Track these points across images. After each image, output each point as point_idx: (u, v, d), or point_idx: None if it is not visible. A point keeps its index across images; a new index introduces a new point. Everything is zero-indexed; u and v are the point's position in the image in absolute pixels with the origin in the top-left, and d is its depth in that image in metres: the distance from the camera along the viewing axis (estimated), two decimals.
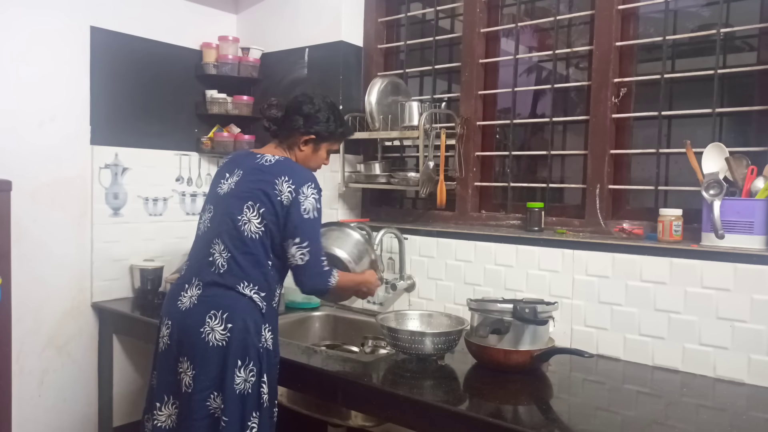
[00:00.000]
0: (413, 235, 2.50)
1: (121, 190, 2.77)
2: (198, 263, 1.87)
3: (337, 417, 2.18)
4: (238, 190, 1.87)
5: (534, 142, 2.57)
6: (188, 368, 1.77)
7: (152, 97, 2.86)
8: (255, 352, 1.78)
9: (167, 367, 1.83)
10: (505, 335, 1.81)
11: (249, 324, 1.78)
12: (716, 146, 1.90)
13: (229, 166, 1.96)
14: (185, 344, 1.79)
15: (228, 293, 1.79)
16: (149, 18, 2.83)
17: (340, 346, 2.47)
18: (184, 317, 1.81)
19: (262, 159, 1.90)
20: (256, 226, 1.82)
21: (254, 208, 1.82)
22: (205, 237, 1.89)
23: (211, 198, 1.95)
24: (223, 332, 1.75)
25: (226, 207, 1.87)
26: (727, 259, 1.80)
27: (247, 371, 1.77)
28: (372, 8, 2.83)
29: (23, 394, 2.49)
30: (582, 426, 1.52)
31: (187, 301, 1.82)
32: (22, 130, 2.44)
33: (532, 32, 2.55)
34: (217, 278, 1.81)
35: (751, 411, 1.62)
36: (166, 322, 1.86)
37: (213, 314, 1.77)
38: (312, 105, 1.95)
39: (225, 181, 1.92)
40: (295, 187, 1.82)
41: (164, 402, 1.83)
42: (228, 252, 1.81)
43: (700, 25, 2.15)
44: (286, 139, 1.97)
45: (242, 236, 1.81)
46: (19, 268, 2.35)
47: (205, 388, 1.75)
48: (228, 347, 1.75)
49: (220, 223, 1.85)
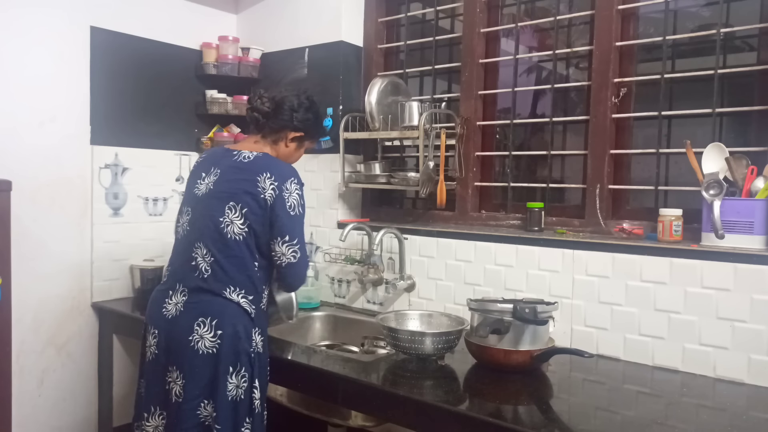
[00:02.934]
0: (413, 235, 2.50)
1: (121, 190, 2.77)
2: (181, 268, 1.83)
3: (337, 417, 2.18)
4: (217, 190, 1.82)
5: (534, 142, 2.57)
6: (178, 377, 1.75)
7: (152, 97, 2.86)
8: (246, 358, 1.76)
9: (155, 377, 1.81)
10: (505, 335, 1.81)
11: (239, 330, 1.76)
12: (716, 146, 1.90)
13: (204, 165, 1.91)
14: (173, 353, 1.76)
15: (215, 299, 1.76)
16: (149, 18, 2.83)
17: (340, 346, 2.48)
18: (171, 325, 1.78)
19: (240, 156, 1.85)
20: (239, 228, 1.77)
21: (236, 209, 1.77)
22: (186, 240, 1.84)
23: (188, 199, 1.90)
24: (212, 339, 1.73)
25: (205, 209, 1.82)
26: (727, 259, 1.80)
27: (239, 377, 1.75)
28: (372, 8, 2.83)
29: (23, 394, 2.49)
30: (582, 426, 1.52)
31: (172, 308, 1.79)
32: (23, 130, 2.44)
33: (532, 32, 2.55)
34: (202, 284, 1.77)
35: (751, 411, 1.62)
36: (152, 331, 1.83)
37: (201, 321, 1.74)
38: (302, 102, 1.93)
39: (202, 181, 1.87)
40: (278, 183, 1.79)
41: (151, 413, 1.81)
42: (211, 256, 1.77)
43: (700, 25, 2.15)
44: (273, 133, 1.92)
45: (225, 239, 1.77)
46: (19, 268, 2.35)
47: (196, 396, 1.73)
48: (219, 354, 1.73)
49: (201, 226, 1.81)
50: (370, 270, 2.56)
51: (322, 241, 2.82)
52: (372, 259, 2.53)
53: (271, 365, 1.98)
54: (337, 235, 2.63)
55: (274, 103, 1.92)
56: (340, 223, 2.75)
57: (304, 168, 2.88)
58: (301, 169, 2.85)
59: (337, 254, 2.70)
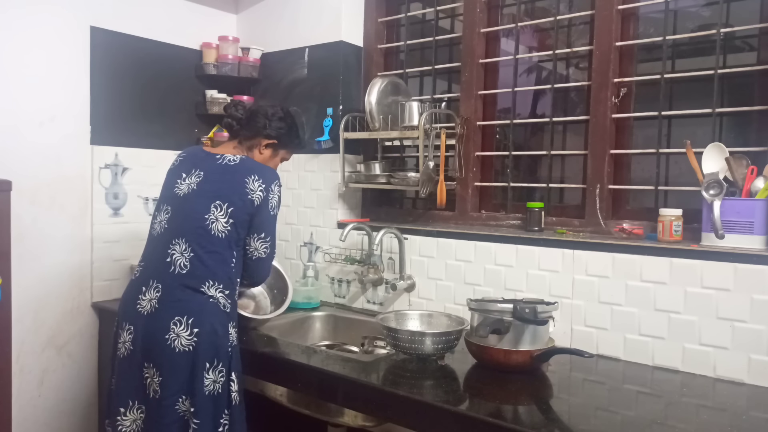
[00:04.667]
0: (413, 235, 2.50)
1: (121, 190, 2.77)
2: (155, 264, 1.87)
3: (337, 417, 2.18)
4: (203, 190, 1.88)
5: (534, 142, 2.57)
6: (155, 374, 1.78)
7: (152, 97, 2.86)
8: (224, 353, 1.81)
9: (131, 372, 1.83)
10: (505, 335, 1.81)
11: (216, 327, 1.80)
12: (716, 146, 1.90)
13: (185, 165, 1.97)
14: (150, 350, 1.79)
15: (193, 297, 1.80)
16: (149, 18, 2.83)
17: (340, 346, 2.48)
18: (146, 322, 1.81)
19: (224, 159, 1.93)
20: (223, 225, 1.84)
21: (222, 207, 1.85)
22: (163, 238, 1.88)
23: (167, 199, 1.95)
24: (189, 337, 1.76)
25: (189, 207, 1.87)
26: (727, 259, 1.80)
27: (216, 372, 1.79)
28: (372, 8, 2.83)
29: (23, 394, 2.49)
30: (582, 426, 1.52)
31: (147, 305, 1.82)
32: (23, 129, 2.44)
33: (532, 32, 2.55)
34: (179, 279, 1.81)
35: (751, 411, 1.62)
36: (127, 327, 1.85)
37: (177, 320, 1.77)
38: (276, 111, 2.03)
39: (182, 182, 1.92)
40: (265, 185, 1.89)
41: (129, 407, 1.83)
42: (191, 251, 1.82)
43: (700, 25, 2.15)
44: (248, 140, 2.02)
45: (209, 235, 1.83)
46: (19, 268, 2.35)
47: (174, 393, 1.76)
48: (195, 352, 1.76)
49: (183, 222, 1.86)
50: (370, 270, 2.56)
51: (322, 241, 2.82)
52: (372, 259, 2.54)
53: (271, 365, 1.99)
54: (337, 235, 2.63)
55: (248, 111, 2.04)
56: (340, 223, 2.75)
57: (304, 168, 2.89)
58: (301, 168, 2.89)
59: (337, 254, 2.70)
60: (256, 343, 2.13)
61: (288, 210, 2.93)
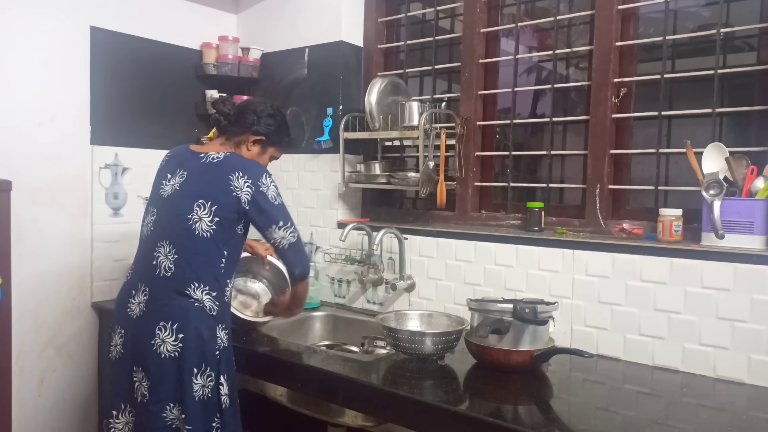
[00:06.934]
0: (413, 235, 2.50)
1: (121, 190, 2.77)
2: (143, 268, 1.85)
3: (337, 417, 2.18)
4: (186, 189, 1.84)
5: (534, 142, 2.57)
6: (143, 378, 1.77)
7: (152, 97, 2.86)
8: (212, 357, 1.78)
9: (121, 375, 1.82)
10: (505, 335, 1.81)
11: (203, 331, 1.77)
12: (716, 146, 1.90)
13: (170, 166, 1.94)
14: (138, 354, 1.78)
15: (178, 300, 1.77)
16: (149, 18, 2.83)
17: (340, 346, 2.48)
18: (135, 326, 1.80)
19: (208, 157, 1.87)
20: (207, 224, 1.79)
21: (205, 206, 1.79)
22: (149, 240, 1.86)
23: (153, 200, 1.93)
24: (174, 343, 1.74)
25: (172, 208, 1.84)
26: (727, 259, 1.80)
27: (205, 377, 1.76)
28: (372, 8, 2.83)
29: (23, 394, 2.49)
30: (582, 426, 1.52)
31: (136, 308, 1.81)
32: (23, 129, 2.44)
33: (532, 32, 2.55)
34: (164, 282, 1.79)
35: (751, 411, 1.62)
36: (118, 330, 1.85)
37: (163, 326, 1.75)
38: (265, 108, 1.98)
39: (167, 182, 1.89)
40: (252, 180, 1.82)
41: (120, 410, 1.83)
42: (175, 253, 1.79)
43: (700, 25, 2.15)
44: (236, 136, 1.96)
45: (193, 235, 1.79)
46: (19, 268, 2.35)
47: (161, 399, 1.75)
48: (182, 357, 1.74)
49: (167, 224, 1.83)
50: (370, 270, 2.56)
51: (322, 241, 2.82)
52: (372, 259, 2.54)
53: (271, 365, 1.99)
54: (337, 235, 2.63)
55: (238, 107, 1.99)
56: (340, 223, 2.75)
57: (304, 168, 2.89)
58: (301, 168, 2.89)
59: (337, 254, 2.70)
60: (256, 343, 2.13)
61: (288, 210, 2.92)
